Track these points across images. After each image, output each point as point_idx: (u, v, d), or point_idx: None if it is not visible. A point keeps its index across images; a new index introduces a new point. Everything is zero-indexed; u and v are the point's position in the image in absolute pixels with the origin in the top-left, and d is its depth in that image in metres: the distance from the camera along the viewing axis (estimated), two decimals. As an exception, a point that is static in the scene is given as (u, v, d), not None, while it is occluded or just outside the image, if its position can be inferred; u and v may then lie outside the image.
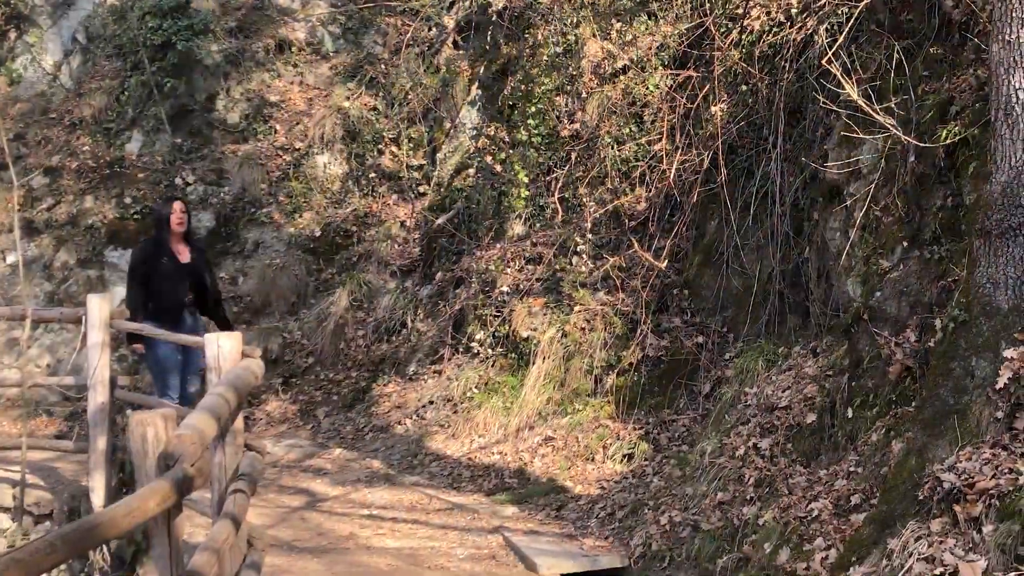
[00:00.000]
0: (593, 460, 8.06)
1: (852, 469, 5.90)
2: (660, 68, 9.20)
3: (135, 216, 12.57)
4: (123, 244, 12.43)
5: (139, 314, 8.11)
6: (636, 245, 8.40)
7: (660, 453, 7.74)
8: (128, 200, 12.67)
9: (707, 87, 8.30)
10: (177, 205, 8.28)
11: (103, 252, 12.39)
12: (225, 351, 5.96)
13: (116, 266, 12.32)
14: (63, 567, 7.98)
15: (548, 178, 9.55)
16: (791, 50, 7.67)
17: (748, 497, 6.32)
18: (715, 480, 6.69)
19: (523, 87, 9.73)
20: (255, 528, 6.49)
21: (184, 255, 8.25)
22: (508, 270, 9.53)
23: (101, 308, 8.28)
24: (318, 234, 12.54)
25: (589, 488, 7.76)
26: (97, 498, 7.86)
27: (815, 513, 5.74)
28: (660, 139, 8.42)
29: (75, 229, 12.46)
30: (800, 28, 7.60)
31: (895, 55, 6.55)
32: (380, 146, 12.98)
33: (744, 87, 8.14)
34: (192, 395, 8.14)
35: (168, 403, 7.64)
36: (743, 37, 8.14)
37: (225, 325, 8.36)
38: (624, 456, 7.92)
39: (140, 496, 3.10)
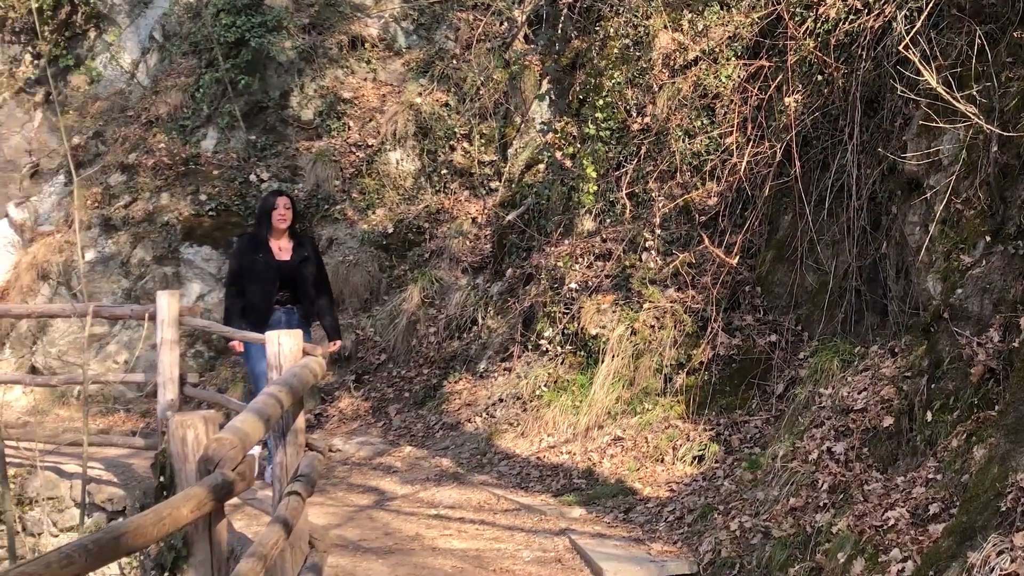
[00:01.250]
0: (663, 461, 7.88)
1: (931, 476, 5.64)
2: (732, 59, 8.95)
3: (210, 213, 12.69)
4: (198, 241, 12.56)
5: (232, 312, 7.89)
6: (707, 241, 8.20)
7: (731, 455, 7.53)
8: (203, 197, 12.78)
9: (780, 77, 8.04)
10: (281, 200, 7.91)
11: (179, 249, 12.52)
12: (286, 349, 5.92)
13: (192, 262, 12.46)
14: (135, 562, 8.07)
15: (617, 173, 9.37)
16: (868, 38, 7.38)
17: (821, 503, 6.08)
18: (787, 485, 6.46)
19: (592, 80, 9.56)
20: (317, 529, 6.45)
21: (283, 253, 7.91)
22: (577, 266, 9.38)
23: (171, 305, 8.33)
24: (391, 231, 12.52)
25: (658, 490, 7.58)
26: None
27: (891, 522, 5.50)
28: (732, 132, 8.19)
29: (151, 226, 12.61)
30: (878, 15, 7.32)
31: (977, 41, 6.25)
32: (452, 142, 12.92)
33: (819, 77, 7.87)
34: None
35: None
36: (818, 25, 7.86)
37: (332, 331, 8.17)
38: (694, 458, 7.72)
39: (172, 503, 3.02)
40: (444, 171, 12.84)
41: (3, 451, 6.70)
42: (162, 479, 3.47)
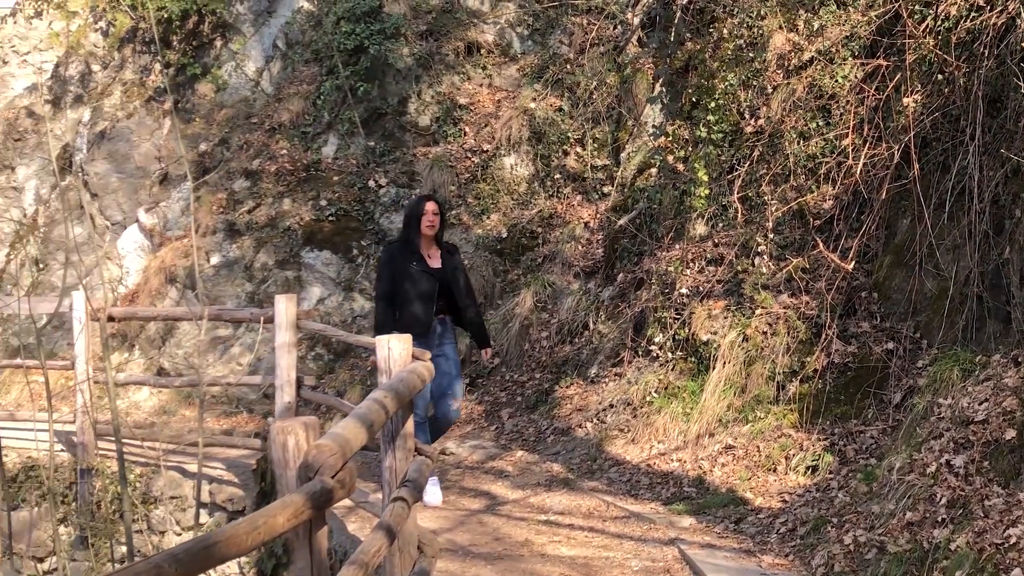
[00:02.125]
0: (775, 471, 7.73)
1: (1054, 492, 5.42)
2: (849, 58, 8.73)
3: (330, 218, 12.96)
4: (318, 245, 12.85)
5: (386, 324, 7.39)
6: (821, 245, 8.00)
7: (846, 466, 7.33)
8: (323, 202, 13.07)
9: (899, 77, 7.81)
10: (429, 205, 7.49)
11: (300, 253, 12.83)
12: (395, 354, 6.00)
13: (312, 267, 12.75)
14: (250, 560, 8.29)
15: (730, 176, 9.22)
16: (991, 35, 7.11)
17: (940, 519, 5.88)
18: (904, 498, 6.26)
19: (705, 83, 9.44)
20: (426, 533, 6.52)
21: (435, 260, 7.57)
22: (688, 271, 9.27)
23: (288, 309, 8.55)
24: (505, 235, 12.59)
25: (770, 501, 7.44)
26: (283, 497, 8.11)
27: (1013, 540, 5.29)
28: (848, 133, 7.99)
29: (273, 231, 12.95)
30: (1001, 11, 7.05)
31: (1106, 38, 5.97)
32: (565, 147, 12.93)
33: (939, 76, 7.59)
34: (449, 409, 7.79)
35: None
36: (938, 23, 7.61)
37: (482, 338, 8.01)
38: (808, 468, 7.55)
39: (268, 512, 3.08)
40: (557, 176, 12.86)
41: (123, 453, 6.96)
42: (263, 485, 3.54)
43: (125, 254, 13.61)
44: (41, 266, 13.70)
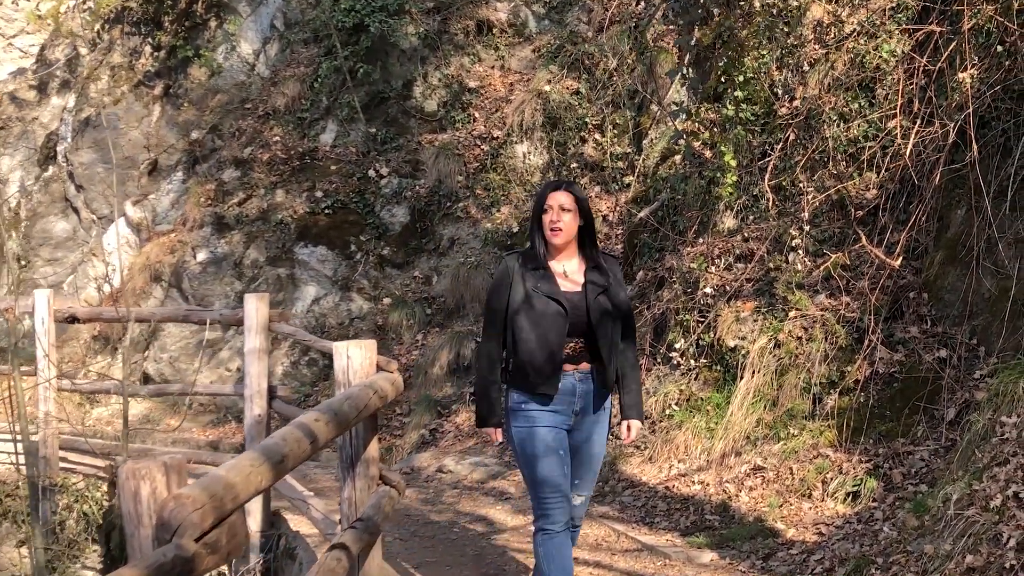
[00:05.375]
0: (810, 497, 6.79)
1: None
2: (895, 29, 7.79)
3: (326, 211, 12.11)
4: (313, 240, 11.99)
5: (492, 367, 4.95)
6: (864, 239, 7.14)
7: (892, 493, 6.39)
8: (319, 194, 12.21)
9: (953, 47, 6.87)
10: (554, 197, 4.81)
11: (293, 249, 11.98)
12: (355, 364, 5.12)
13: (306, 264, 11.90)
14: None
15: (761, 163, 8.31)
16: (1062, -4, 6.18)
17: (1008, 564, 4.94)
18: (963, 537, 5.31)
19: (734, 55, 8.50)
20: None
21: (572, 279, 4.88)
22: (714, 269, 8.35)
23: (259, 311, 7.65)
24: (516, 230, 11.68)
25: (804, 532, 6.49)
26: (253, 523, 7.25)
27: (1099, 594, 4.35)
28: (895, 113, 7.05)
29: (265, 225, 12.09)
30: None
31: None
32: (582, 133, 11.99)
33: (1000, 47, 6.72)
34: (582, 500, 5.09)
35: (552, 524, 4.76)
36: (1000, -15, 6.69)
37: (631, 405, 4.99)
38: (847, 494, 6.61)
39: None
40: (574, 165, 11.93)
41: (37, 481, 6.08)
42: (110, 547, 2.62)
43: (111, 250, 12.78)
44: (23, 263, 12.91)
